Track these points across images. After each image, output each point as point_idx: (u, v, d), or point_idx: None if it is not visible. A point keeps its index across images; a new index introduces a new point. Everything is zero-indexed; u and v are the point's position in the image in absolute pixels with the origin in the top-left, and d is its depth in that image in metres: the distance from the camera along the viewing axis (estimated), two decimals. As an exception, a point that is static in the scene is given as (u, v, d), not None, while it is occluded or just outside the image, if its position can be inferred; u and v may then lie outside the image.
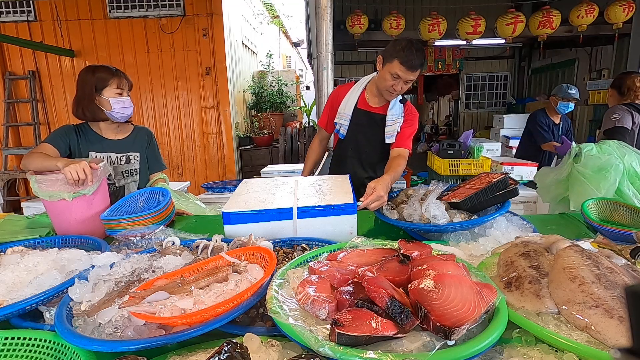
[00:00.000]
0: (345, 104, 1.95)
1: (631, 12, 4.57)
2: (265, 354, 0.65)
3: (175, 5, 5.12)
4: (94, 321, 0.74)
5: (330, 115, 2.05)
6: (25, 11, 5.13)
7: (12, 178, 5.35)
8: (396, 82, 1.73)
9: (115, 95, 1.71)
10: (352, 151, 2.02)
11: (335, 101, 2.02)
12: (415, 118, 1.96)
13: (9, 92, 5.23)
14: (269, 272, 0.82)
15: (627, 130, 2.54)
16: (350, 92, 1.96)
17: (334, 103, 2.02)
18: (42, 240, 1.24)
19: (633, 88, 2.62)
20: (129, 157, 1.86)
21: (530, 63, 7.95)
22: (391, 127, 1.90)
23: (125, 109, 1.74)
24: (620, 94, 2.67)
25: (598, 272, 0.74)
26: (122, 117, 1.76)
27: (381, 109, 1.94)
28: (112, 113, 1.72)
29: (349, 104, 1.94)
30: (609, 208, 1.45)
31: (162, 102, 5.43)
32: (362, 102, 1.95)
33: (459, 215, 1.24)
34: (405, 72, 1.68)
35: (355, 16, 5.13)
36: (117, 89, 1.71)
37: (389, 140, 1.92)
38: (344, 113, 1.94)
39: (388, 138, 1.92)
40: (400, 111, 1.92)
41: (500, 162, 3.41)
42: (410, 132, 1.95)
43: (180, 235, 1.22)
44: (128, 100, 1.76)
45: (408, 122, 1.94)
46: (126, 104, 1.74)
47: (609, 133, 2.55)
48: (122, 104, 1.72)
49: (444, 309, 0.62)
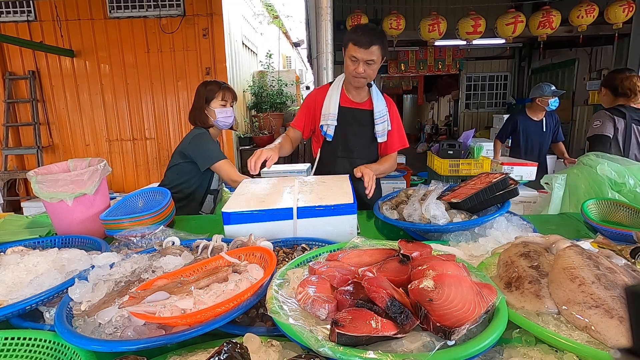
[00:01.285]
0: (329, 104, 1.90)
1: (631, 12, 4.57)
2: (265, 354, 0.65)
3: (175, 5, 5.12)
4: (94, 321, 0.74)
5: (307, 119, 1.98)
6: (25, 11, 5.13)
7: (12, 178, 5.35)
8: (356, 65, 1.72)
9: (220, 106, 1.99)
10: (342, 151, 1.96)
11: (312, 104, 1.96)
12: (394, 107, 1.98)
13: (9, 92, 5.23)
14: (269, 272, 0.82)
15: (608, 137, 2.44)
16: (330, 92, 1.92)
17: (311, 106, 1.96)
18: (42, 240, 1.24)
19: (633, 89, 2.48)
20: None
21: (530, 63, 7.94)
22: (381, 126, 1.89)
23: (228, 118, 2.02)
24: (615, 94, 2.53)
25: (598, 272, 0.74)
26: (224, 125, 2.05)
27: (366, 104, 1.92)
28: (217, 122, 2.01)
29: (332, 103, 1.89)
30: (609, 208, 1.45)
31: (162, 102, 5.42)
32: (345, 99, 1.92)
33: (459, 215, 1.24)
34: (359, 50, 1.68)
35: (355, 16, 5.13)
36: (222, 100, 1.99)
37: (381, 140, 1.92)
38: (329, 114, 1.88)
39: (379, 137, 1.91)
40: (384, 105, 1.91)
41: (500, 162, 3.41)
42: (398, 128, 1.98)
43: (180, 235, 1.22)
44: (230, 110, 2.03)
45: (392, 116, 1.94)
46: (228, 113, 2.02)
47: (591, 142, 2.51)
48: (224, 114, 2.00)
49: (444, 309, 0.62)
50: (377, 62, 1.74)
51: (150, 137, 5.54)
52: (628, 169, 1.67)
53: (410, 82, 11.76)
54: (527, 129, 3.58)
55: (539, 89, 3.45)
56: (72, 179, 1.35)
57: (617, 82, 2.50)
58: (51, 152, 5.52)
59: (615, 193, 1.62)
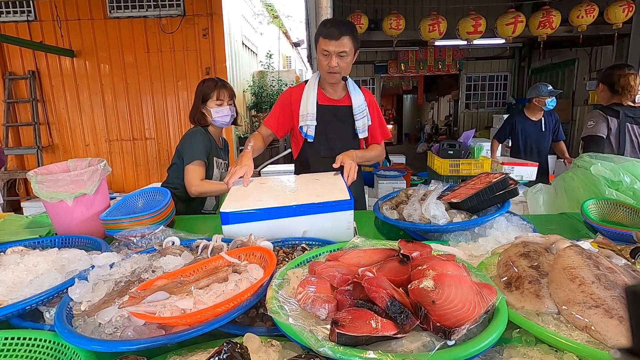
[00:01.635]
0: (306, 104, 1.84)
1: (631, 12, 4.57)
2: (265, 354, 0.65)
3: (175, 5, 5.12)
4: (94, 321, 0.74)
5: (282, 119, 1.92)
6: (25, 11, 5.13)
7: (12, 178, 5.35)
8: (329, 59, 1.70)
9: (215, 105, 1.95)
10: (324, 151, 1.89)
11: (287, 103, 1.90)
12: (373, 99, 1.97)
13: (9, 92, 5.23)
14: (269, 272, 0.82)
15: (602, 138, 2.42)
16: (307, 91, 1.86)
17: (286, 105, 1.91)
18: (42, 240, 1.24)
19: (627, 88, 2.43)
20: (227, 163, 2.14)
21: (530, 63, 7.95)
22: (361, 121, 1.87)
23: (224, 117, 1.97)
24: (613, 92, 2.48)
25: (598, 272, 0.74)
26: (222, 124, 2.01)
27: (344, 100, 1.90)
28: (214, 121, 1.98)
29: (310, 103, 1.83)
30: (609, 208, 1.45)
31: (162, 102, 5.43)
32: (322, 97, 1.88)
33: (459, 215, 1.24)
34: (330, 43, 1.67)
35: (355, 16, 5.13)
36: (217, 100, 1.95)
37: (362, 135, 1.90)
38: (307, 114, 1.82)
39: (360, 133, 1.90)
40: (363, 99, 1.88)
41: (500, 162, 3.41)
42: (379, 122, 1.97)
43: (180, 235, 1.22)
44: (226, 109, 1.97)
45: (371, 110, 1.92)
46: (224, 112, 1.96)
47: (585, 142, 2.51)
48: (220, 113, 1.95)
49: (444, 309, 0.62)
50: (349, 54, 1.72)
51: (150, 137, 5.54)
52: (622, 166, 1.67)
53: (410, 82, 11.77)
54: (525, 129, 3.58)
55: (535, 89, 3.45)
56: (72, 179, 1.35)
57: (615, 79, 2.45)
58: (51, 152, 5.53)
59: (612, 190, 1.62)
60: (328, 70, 1.74)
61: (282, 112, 1.92)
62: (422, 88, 11.28)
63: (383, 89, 9.24)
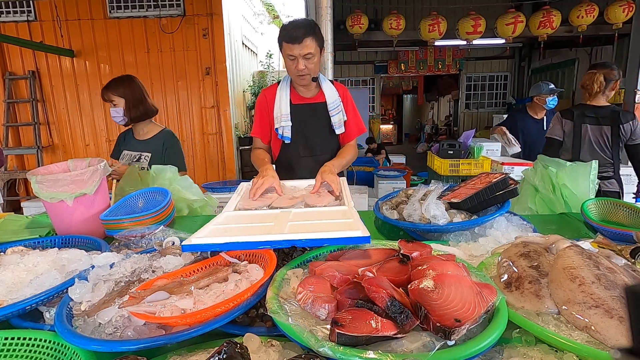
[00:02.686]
0: (279, 105, 1.83)
1: (631, 12, 4.57)
2: (265, 354, 0.65)
3: (175, 5, 5.12)
4: (94, 321, 0.74)
5: (263, 123, 1.92)
6: (25, 11, 5.13)
7: (12, 178, 5.35)
8: (296, 63, 1.69)
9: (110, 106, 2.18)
10: (303, 150, 1.90)
11: (264, 107, 1.90)
12: (348, 93, 1.95)
13: (9, 92, 5.23)
14: (269, 272, 0.82)
15: (557, 140, 2.44)
16: (279, 92, 1.86)
17: (264, 109, 1.90)
18: (42, 240, 1.24)
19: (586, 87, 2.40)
20: (140, 156, 2.18)
21: (530, 63, 7.95)
22: (337, 117, 1.87)
23: (115, 117, 2.18)
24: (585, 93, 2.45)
25: (598, 272, 0.74)
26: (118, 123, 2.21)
27: (318, 97, 1.88)
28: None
29: (283, 103, 1.83)
30: (609, 208, 1.45)
31: (162, 102, 5.42)
32: (295, 97, 1.87)
33: (459, 215, 1.24)
34: (293, 47, 1.65)
35: (355, 16, 5.13)
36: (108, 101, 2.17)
37: (339, 131, 1.90)
38: (281, 115, 1.82)
39: (337, 129, 1.89)
40: (337, 95, 1.87)
41: (500, 162, 3.41)
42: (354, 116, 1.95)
43: (180, 235, 1.22)
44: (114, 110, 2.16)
45: (346, 104, 1.91)
46: (113, 114, 2.18)
47: (544, 145, 2.56)
48: (113, 113, 2.18)
49: (444, 309, 0.62)
50: (315, 55, 1.70)
51: (150, 137, 5.53)
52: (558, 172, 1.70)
53: (410, 82, 11.78)
54: (526, 127, 3.56)
55: (537, 87, 3.45)
56: (72, 179, 1.35)
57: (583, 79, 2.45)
58: (51, 152, 5.53)
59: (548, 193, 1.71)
60: (297, 74, 1.74)
61: (262, 116, 1.92)
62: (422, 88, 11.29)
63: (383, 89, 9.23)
